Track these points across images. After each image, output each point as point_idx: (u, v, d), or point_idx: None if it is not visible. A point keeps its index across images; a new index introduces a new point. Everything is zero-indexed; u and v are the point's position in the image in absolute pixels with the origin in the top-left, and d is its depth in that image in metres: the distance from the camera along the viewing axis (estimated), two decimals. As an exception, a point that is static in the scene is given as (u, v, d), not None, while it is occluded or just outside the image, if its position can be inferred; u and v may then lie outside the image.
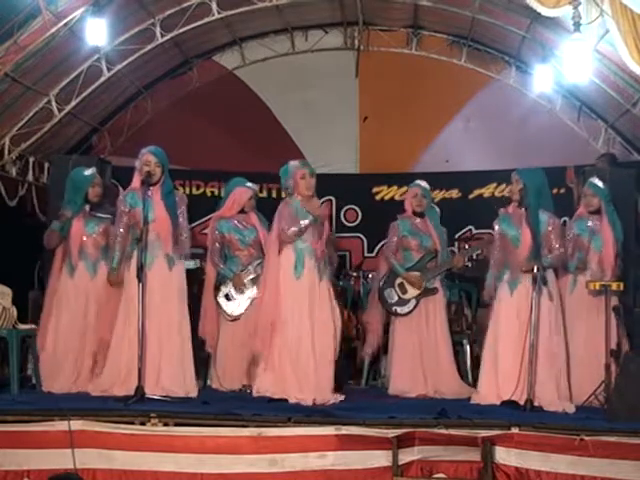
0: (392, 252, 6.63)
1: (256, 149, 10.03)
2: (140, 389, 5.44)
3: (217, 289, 6.60)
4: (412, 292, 6.55)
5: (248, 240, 6.63)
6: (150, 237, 5.75)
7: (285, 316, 5.75)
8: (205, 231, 9.55)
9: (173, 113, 10.31)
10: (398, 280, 6.60)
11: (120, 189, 6.02)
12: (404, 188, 9.97)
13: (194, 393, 5.82)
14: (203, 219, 9.39)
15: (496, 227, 6.06)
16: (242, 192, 6.70)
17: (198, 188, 10.04)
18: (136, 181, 5.90)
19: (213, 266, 6.65)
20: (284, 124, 10.30)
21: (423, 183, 6.72)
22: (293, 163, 6.03)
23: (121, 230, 5.89)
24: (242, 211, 6.68)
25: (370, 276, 8.03)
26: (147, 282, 5.63)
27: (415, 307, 6.52)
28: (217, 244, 6.63)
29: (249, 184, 6.76)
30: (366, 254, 9.93)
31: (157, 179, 5.84)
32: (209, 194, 9.94)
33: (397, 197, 9.88)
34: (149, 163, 5.83)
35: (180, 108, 10.32)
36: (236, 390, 6.37)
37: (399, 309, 6.56)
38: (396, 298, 6.57)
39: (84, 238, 6.31)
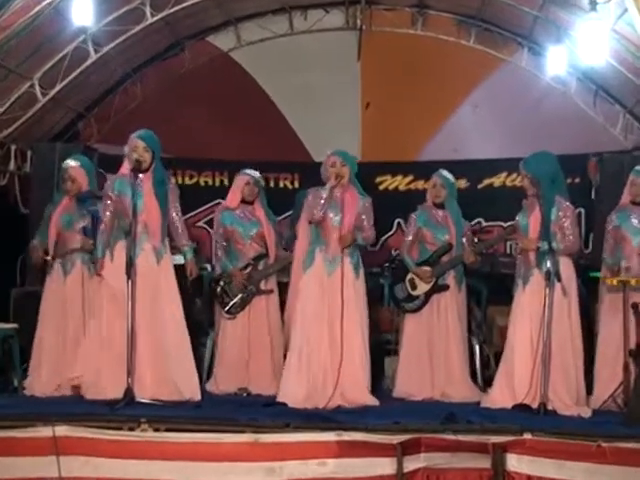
0: (407, 246, 6.64)
1: (252, 136, 9.98)
2: (129, 392, 5.42)
3: (216, 283, 6.65)
4: (422, 288, 6.54)
5: (250, 234, 6.62)
6: (137, 229, 5.73)
7: (296, 314, 5.85)
8: (199, 224, 9.60)
9: (164, 98, 10.25)
10: (409, 275, 6.61)
11: (108, 175, 5.99)
12: (409, 177, 10.02)
13: (198, 396, 5.79)
14: (196, 211, 9.39)
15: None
16: (239, 179, 6.73)
17: (191, 178, 9.99)
18: (125, 167, 5.87)
19: (216, 260, 6.70)
20: (282, 109, 10.24)
21: (444, 173, 6.71)
22: (329, 151, 6.09)
23: (107, 215, 5.85)
24: (247, 202, 6.66)
25: (374, 271, 8.00)
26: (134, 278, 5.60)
27: (424, 303, 6.51)
28: (220, 236, 6.68)
29: (247, 170, 6.75)
30: (368, 248, 9.88)
31: (147, 166, 5.80)
32: (202, 184, 9.91)
33: (402, 187, 9.85)
34: (137, 148, 5.80)
35: (171, 92, 10.26)
36: (232, 393, 6.38)
37: (407, 305, 6.56)
38: (405, 294, 6.58)
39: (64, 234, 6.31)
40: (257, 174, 6.81)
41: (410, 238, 6.65)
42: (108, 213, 5.85)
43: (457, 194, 6.85)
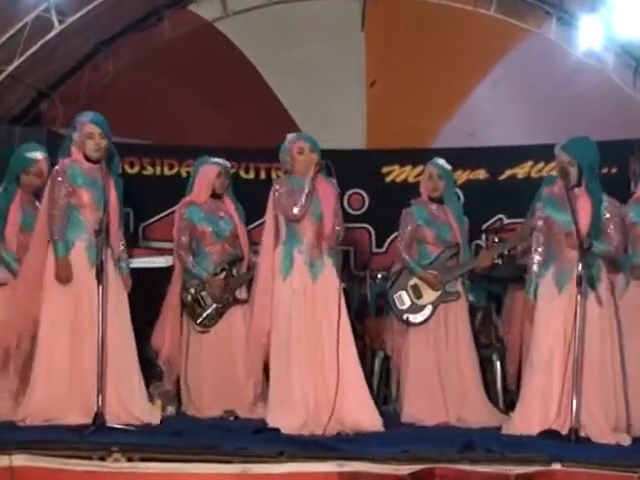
0: (406, 246, 6.61)
1: (240, 118, 10.02)
2: (99, 416, 5.42)
3: (185, 290, 6.64)
4: (429, 296, 6.53)
5: (223, 233, 6.64)
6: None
7: (273, 328, 5.81)
8: (179, 221, 9.56)
9: (140, 74, 10.27)
10: (411, 281, 6.59)
11: (60, 160, 5.96)
12: (420, 167, 9.98)
13: (157, 419, 5.85)
14: (177, 206, 9.36)
15: (539, 210, 6.01)
16: (207, 170, 6.73)
17: (171, 168, 10.00)
18: (76, 155, 5.87)
19: (180, 262, 6.69)
20: (274, 88, 10.29)
21: (441, 161, 6.71)
22: (290, 136, 6.03)
23: (61, 204, 5.78)
24: (215, 195, 6.66)
25: (379, 276, 8.03)
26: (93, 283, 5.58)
27: (432, 315, 6.50)
28: (186, 236, 6.66)
29: (215, 159, 6.75)
30: (374, 249, 9.92)
31: (102, 155, 5.81)
32: (184, 174, 9.89)
33: (412, 179, 9.85)
34: (93, 136, 5.82)
35: (148, 68, 10.28)
36: (217, 417, 6.39)
37: (412, 317, 6.54)
38: (408, 303, 6.56)
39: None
40: (227, 163, 6.82)
41: (408, 236, 6.62)
42: (62, 202, 5.78)
43: (475, 187, 6.85)
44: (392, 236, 9.53)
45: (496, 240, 8.10)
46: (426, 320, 6.51)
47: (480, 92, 10.27)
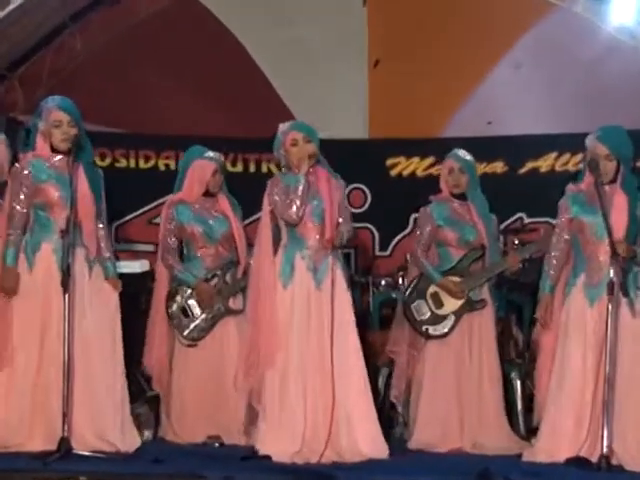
0: (423, 249, 6.62)
1: (227, 104, 10.00)
2: (65, 442, 5.39)
3: (171, 299, 6.61)
4: (450, 305, 6.52)
5: (217, 234, 6.61)
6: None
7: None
8: (156, 220, 9.52)
9: (112, 55, 10.24)
10: (431, 288, 6.58)
11: (21, 155, 5.93)
12: (429, 159, 10.03)
13: (134, 447, 5.81)
14: (154, 203, 9.36)
15: (565, 211, 5.98)
16: (202, 166, 6.68)
17: (147, 160, 10.01)
18: (42, 146, 5.83)
19: (166, 268, 6.66)
20: (266, 71, 10.28)
21: (461, 153, 6.69)
22: (281, 126, 6.01)
23: (18, 208, 5.75)
24: (207, 193, 6.64)
25: (383, 283, 8.02)
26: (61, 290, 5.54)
27: (455, 326, 6.48)
28: (173, 238, 6.64)
29: (211, 153, 6.72)
30: (377, 252, 9.90)
31: (73, 144, 5.77)
32: (162, 167, 9.92)
33: (420, 172, 9.84)
34: (61, 124, 5.78)
35: (122, 48, 10.25)
36: (200, 443, 6.38)
37: (432, 329, 6.52)
38: (428, 314, 6.55)
39: None
40: (221, 157, 6.78)
41: (426, 239, 6.62)
42: (22, 203, 5.73)
43: (492, 182, 6.84)
44: (397, 238, 9.55)
45: (516, 242, 8.08)
46: (448, 332, 6.50)
47: (498, 74, 10.25)
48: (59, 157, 5.77)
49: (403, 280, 8.01)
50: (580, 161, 7.34)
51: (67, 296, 5.52)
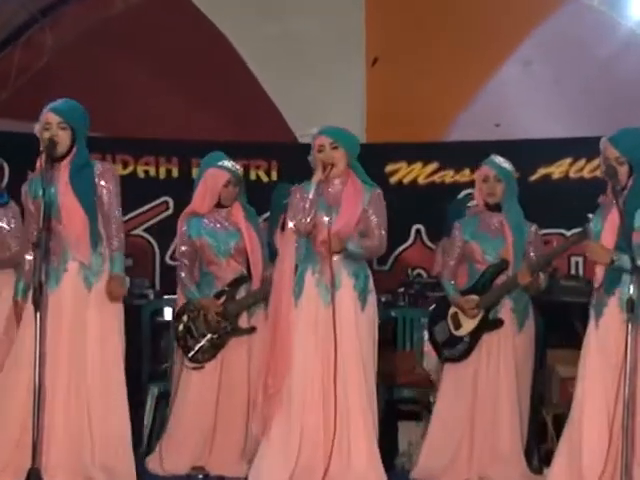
0: (451, 269, 6.68)
1: (212, 106, 10.01)
2: (35, 473, 5.36)
3: (178, 319, 6.67)
4: (467, 326, 6.54)
5: (227, 247, 6.63)
6: (54, 241, 5.70)
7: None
8: (136, 231, 9.57)
9: (85, 52, 10.28)
10: (452, 309, 6.63)
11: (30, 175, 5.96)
12: (432, 166, 10.05)
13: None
14: (133, 213, 9.37)
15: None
16: (215, 175, 6.63)
17: (125, 166, 10.00)
18: (41, 154, 5.83)
19: (180, 287, 6.71)
20: (255, 69, 10.33)
21: (499, 160, 6.66)
22: (314, 129, 6.13)
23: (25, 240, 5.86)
24: (220, 204, 6.69)
25: (383, 300, 8.02)
26: (51, 310, 5.57)
27: (470, 348, 6.49)
28: (186, 254, 6.67)
29: (226, 162, 6.70)
30: (375, 266, 9.88)
31: (65, 150, 5.79)
32: (141, 175, 9.93)
33: (422, 180, 9.86)
34: (49, 125, 5.77)
35: (97, 44, 10.29)
36: (183, 475, 6.38)
37: (447, 352, 6.58)
38: (447, 336, 6.60)
39: None
40: (237, 167, 6.77)
41: (453, 254, 6.68)
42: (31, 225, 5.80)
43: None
44: (398, 251, 9.55)
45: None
46: (462, 356, 6.52)
47: (506, 73, 10.31)
48: (48, 165, 5.68)
49: (404, 297, 8.04)
50: (597, 167, 7.33)
51: (38, 315, 5.43)
